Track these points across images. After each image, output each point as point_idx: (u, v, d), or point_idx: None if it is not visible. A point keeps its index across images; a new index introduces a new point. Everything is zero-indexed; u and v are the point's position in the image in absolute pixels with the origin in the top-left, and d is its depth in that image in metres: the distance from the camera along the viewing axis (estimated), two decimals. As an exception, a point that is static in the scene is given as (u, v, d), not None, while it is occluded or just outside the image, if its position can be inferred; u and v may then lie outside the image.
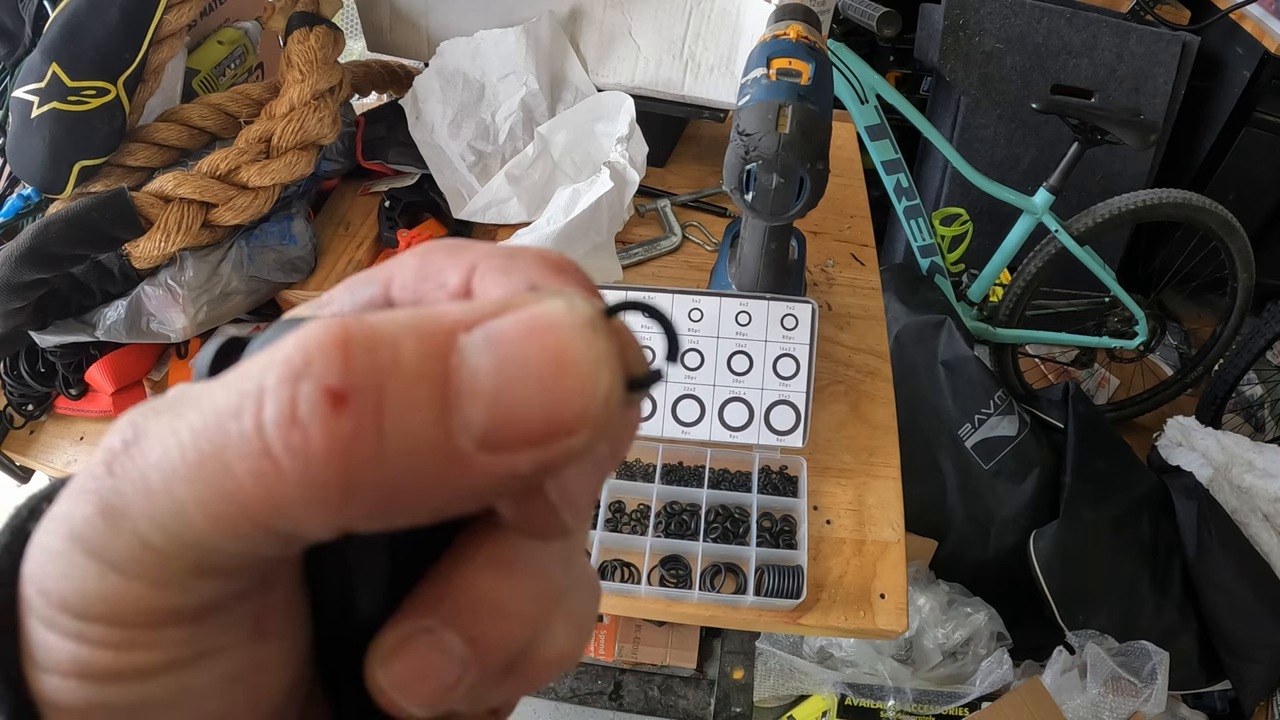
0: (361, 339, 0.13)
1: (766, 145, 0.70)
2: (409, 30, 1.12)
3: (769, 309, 0.81)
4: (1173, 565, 1.44)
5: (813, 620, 0.73)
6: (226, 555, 0.13)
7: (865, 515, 0.80)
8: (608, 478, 0.14)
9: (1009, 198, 1.61)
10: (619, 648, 1.52)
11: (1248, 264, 1.76)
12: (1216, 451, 1.57)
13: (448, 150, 1.05)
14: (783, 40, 0.76)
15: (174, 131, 0.90)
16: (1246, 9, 1.80)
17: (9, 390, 0.86)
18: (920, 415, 1.44)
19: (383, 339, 0.13)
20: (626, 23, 1.07)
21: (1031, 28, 1.82)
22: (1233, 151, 1.95)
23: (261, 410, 0.12)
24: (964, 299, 1.78)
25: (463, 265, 0.16)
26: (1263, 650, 1.39)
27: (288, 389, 0.12)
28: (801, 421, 0.80)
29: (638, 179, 0.88)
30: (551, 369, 0.13)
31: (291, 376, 0.12)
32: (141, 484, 0.13)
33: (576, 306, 0.14)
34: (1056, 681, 1.31)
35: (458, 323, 0.13)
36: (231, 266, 0.86)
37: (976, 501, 1.44)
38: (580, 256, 0.87)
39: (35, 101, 0.79)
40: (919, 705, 1.35)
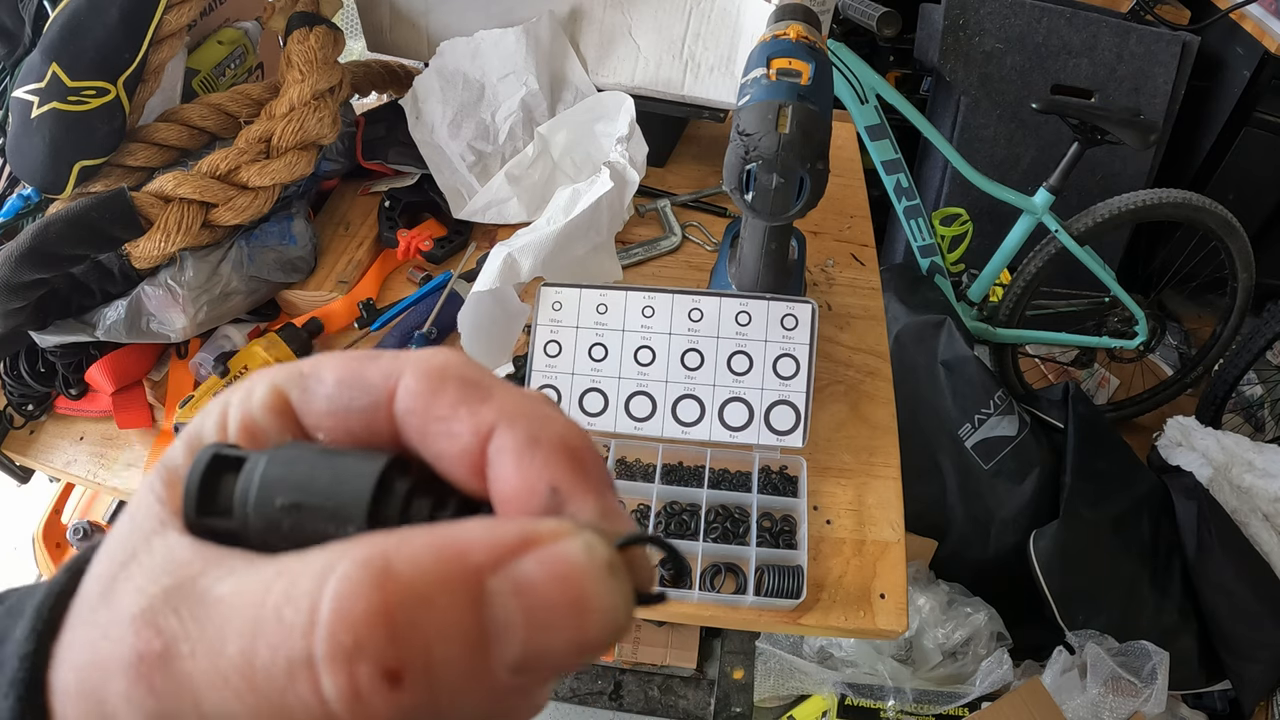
0: (401, 608, 0.14)
1: (766, 145, 0.70)
2: (409, 30, 1.12)
3: (769, 309, 0.81)
4: (1173, 565, 1.44)
5: (813, 620, 0.73)
6: None
7: (865, 515, 0.80)
8: None
9: (1009, 198, 1.61)
10: (619, 648, 1.52)
11: (1248, 264, 1.76)
12: (1216, 451, 1.57)
13: (448, 150, 1.05)
14: (783, 40, 0.76)
15: (174, 131, 0.90)
16: (1246, 9, 1.80)
17: (9, 390, 0.86)
18: (920, 415, 1.44)
19: (419, 599, 0.14)
20: (626, 23, 1.07)
21: (1031, 28, 1.82)
22: (1233, 151, 1.95)
23: (319, 680, 0.13)
24: (964, 299, 1.78)
25: (477, 420, 0.16)
26: (1263, 650, 1.39)
27: (345, 669, 0.13)
28: (801, 421, 0.80)
29: (638, 179, 0.88)
30: (575, 614, 0.15)
31: (345, 657, 0.13)
32: (194, 713, 0.14)
33: (595, 551, 0.15)
34: (1056, 681, 1.31)
35: (482, 567, 0.14)
36: (231, 266, 0.87)
37: (976, 501, 1.44)
38: (580, 256, 0.87)
39: (35, 101, 0.79)
40: (919, 705, 1.35)
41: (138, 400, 0.88)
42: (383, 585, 0.14)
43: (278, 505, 0.15)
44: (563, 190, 0.87)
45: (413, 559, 0.14)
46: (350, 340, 0.93)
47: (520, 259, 0.79)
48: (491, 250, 0.82)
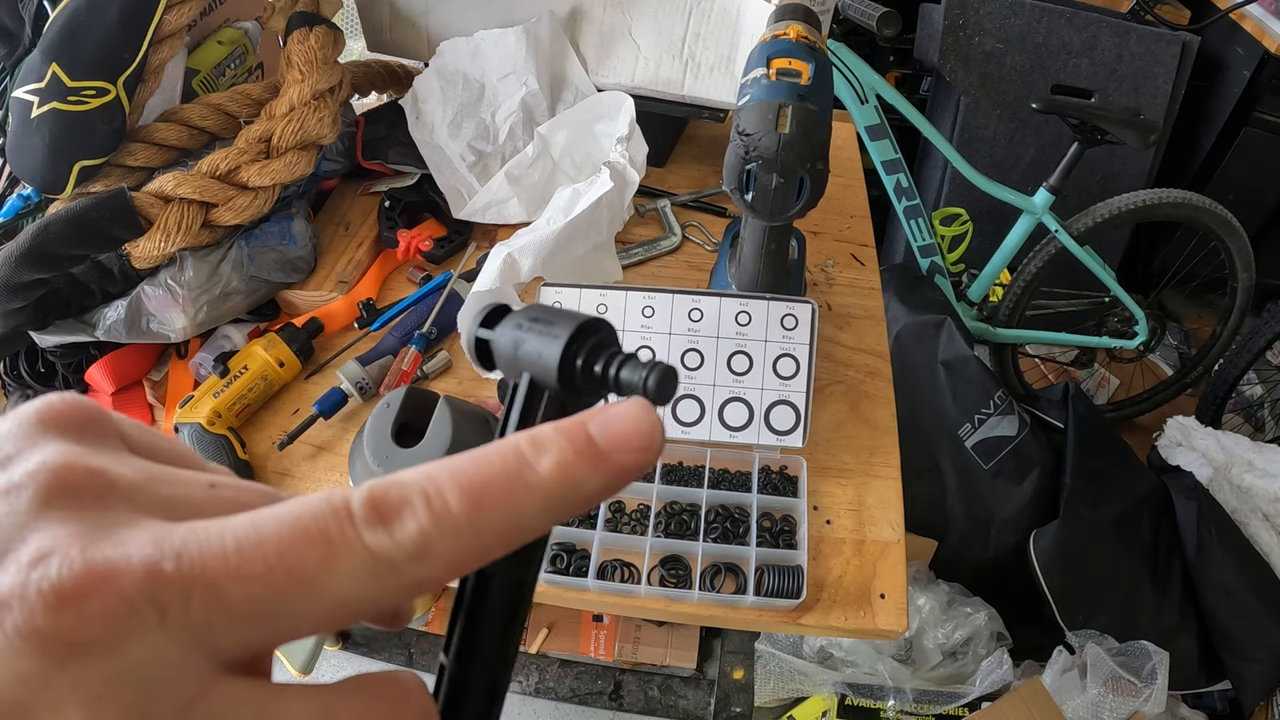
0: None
1: (766, 145, 0.70)
2: (409, 30, 1.12)
3: (769, 309, 0.81)
4: (1173, 565, 1.44)
5: (813, 620, 0.73)
6: None
7: (865, 515, 0.80)
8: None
9: (1009, 198, 1.61)
10: (619, 648, 1.52)
11: (1248, 264, 1.76)
12: (1216, 451, 1.57)
13: (448, 150, 1.05)
14: (783, 40, 0.76)
15: (174, 131, 0.90)
16: (1246, 9, 1.80)
17: (9, 390, 0.86)
18: (920, 415, 1.44)
19: None
20: (626, 23, 1.07)
21: (1031, 28, 1.82)
22: (1233, 151, 1.95)
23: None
24: (964, 299, 1.78)
25: None
26: (1263, 650, 1.38)
27: None
28: (801, 421, 0.80)
29: (638, 179, 0.88)
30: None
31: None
32: None
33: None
34: (1056, 681, 1.31)
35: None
36: (231, 266, 0.87)
37: (976, 501, 1.44)
38: (580, 257, 0.87)
39: (35, 101, 0.79)
40: (919, 705, 1.35)
41: (138, 400, 0.88)
42: None
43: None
44: (563, 190, 0.87)
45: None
46: (350, 340, 0.93)
47: (520, 259, 0.79)
48: (491, 250, 0.82)
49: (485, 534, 0.17)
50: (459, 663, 0.20)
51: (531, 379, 0.22)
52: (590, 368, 0.21)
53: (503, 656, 0.21)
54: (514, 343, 0.22)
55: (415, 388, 0.78)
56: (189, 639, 0.15)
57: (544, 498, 0.18)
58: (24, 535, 0.16)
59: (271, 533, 0.16)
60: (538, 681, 1.53)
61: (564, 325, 0.21)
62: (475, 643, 0.20)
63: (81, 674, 0.14)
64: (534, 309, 0.22)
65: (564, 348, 0.21)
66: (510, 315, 0.23)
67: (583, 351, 0.21)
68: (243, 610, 0.16)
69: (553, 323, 0.22)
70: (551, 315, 0.22)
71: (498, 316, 0.23)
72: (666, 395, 0.21)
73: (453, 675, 0.20)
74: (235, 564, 0.16)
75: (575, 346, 0.21)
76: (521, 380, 0.22)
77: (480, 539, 0.17)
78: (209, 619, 0.15)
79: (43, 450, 0.18)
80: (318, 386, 0.88)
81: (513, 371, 0.22)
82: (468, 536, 0.17)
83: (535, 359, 0.21)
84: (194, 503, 0.19)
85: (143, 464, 0.19)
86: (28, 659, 0.14)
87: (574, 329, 0.21)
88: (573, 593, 0.74)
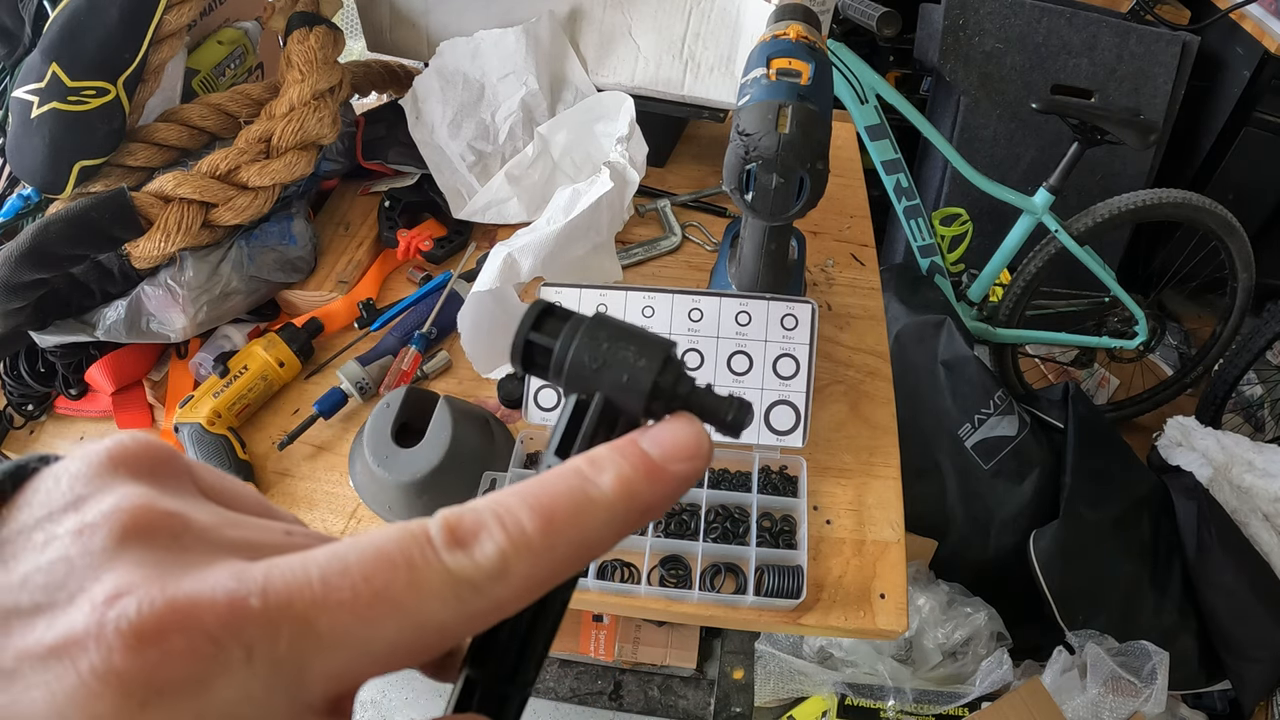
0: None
1: (766, 145, 0.70)
2: (409, 30, 1.12)
3: (769, 309, 0.81)
4: (1173, 565, 1.44)
5: (813, 620, 0.73)
6: None
7: (865, 515, 0.80)
8: None
9: (1009, 198, 1.61)
10: (619, 648, 1.52)
11: (1248, 264, 1.76)
12: (1216, 451, 1.57)
13: (448, 150, 1.05)
14: (783, 40, 0.76)
15: (174, 131, 0.90)
16: (1246, 9, 1.80)
17: (9, 390, 0.86)
18: (920, 415, 1.44)
19: None
20: (626, 23, 1.07)
21: (1031, 28, 1.82)
22: (1233, 151, 1.95)
23: None
24: (964, 299, 1.78)
25: None
26: (1263, 650, 1.38)
27: None
28: (801, 421, 0.80)
29: (638, 179, 0.88)
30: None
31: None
32: None
33: None
34: (1056, 681, 1.31)
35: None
36: (231, 266, 0.87)
37: (976, 501, 1.44)
38: (580, 257, 0.87)
39: (35, 101, 0.79)
40: (919, 705, 1.35)
41: (138, 400, 0.88)
42: None
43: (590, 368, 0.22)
44: (563, 190, 0.87)
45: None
46: (350, 340, 0.93)
47: (520, 259, 0.79)
48: (491, 250, 0.82)
49: (558, 551, 0.18)
50: (504, 681, 0.21)
51: (607, 399, 0.22)
52: (675, 395, 0.22)
53: (538, 671, 0.22)
54: (592, 359, 0.22)
55: (415, 388, 0.78)
56: (277, 677, 0.15)
57: (608, 512, 0.19)
58: (98, 574, 0.15)
59: (355, 560, 0.16)
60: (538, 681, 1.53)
61: (651, 351, 0.22)
62: (523, 658, 0.21)
63: (164, 717, 0.14)
64: (600, 322, 0.22)
65: (657, 375, 0.21)
66: (569, 323, 0.23)
67: (671, 380, 0.22)
68: (331, 640, 0.15)
69: (632, 343, 0.22)
70: (628, 335, 0.22)
71: (547, 319, 0.23)
72: (742, 427, 0.22)
73: (495, 691, 0.20)
74: (321, 593, 0.15)
75: (667, 375, 0.22)
76: (594, 400, 0.22)
77: (554, 557, 0.18)
78: (298, 654, 0.15)
79: (116, 492, 0.17)
80: (318, 386, 0.88)
81: (579, 387, 0.22)
82: (543, 555, 0.18)
83: (619, 382, 0.22)
84: (271, 546, 0.18)
85: (216, 509, 0.19)
86: (105, 702, 0.14)
87: (664, 357, 0.22)
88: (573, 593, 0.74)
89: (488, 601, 0.17)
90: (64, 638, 0.14)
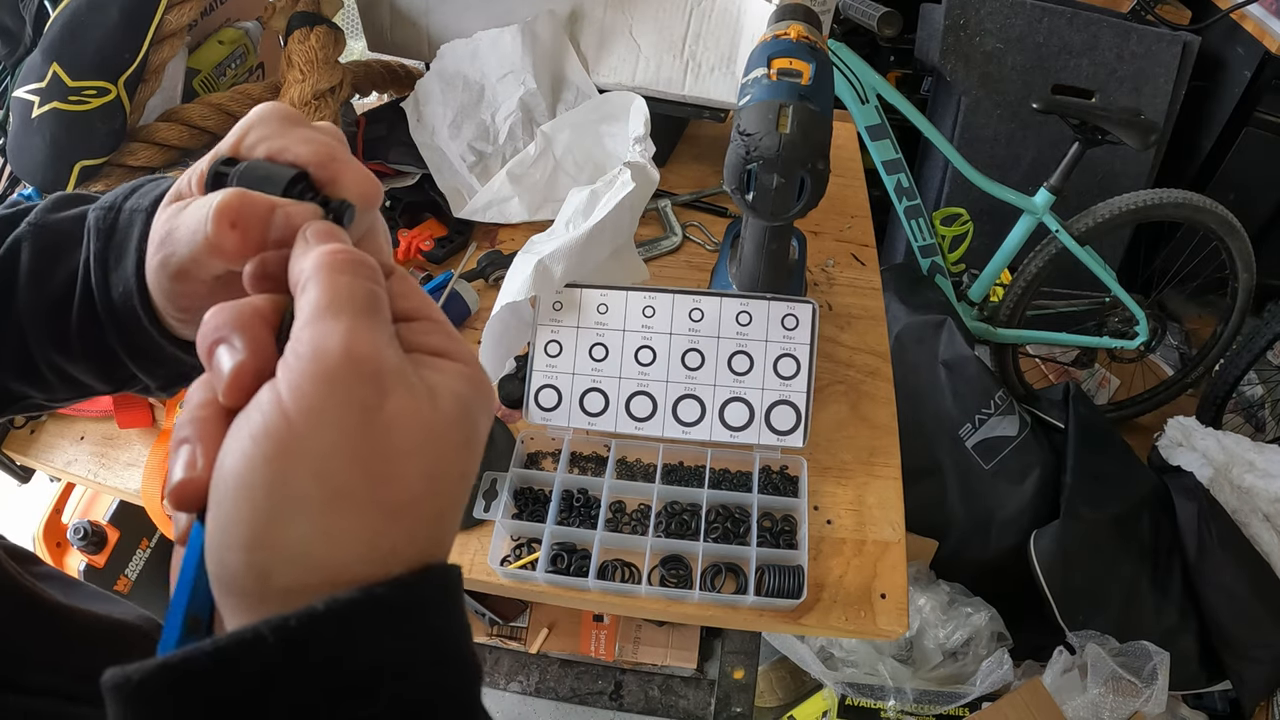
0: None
1: (767, 145, 0.70)
2: (409, 30, 1.12)
3: (769, 309, 0.81)
4: (1173, 565, 1.44)
5: (813, 620, 0.73)
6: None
7: (865, 515, 0.80)
8: None
9: (1009, 198, 1.61)
10: (619, 648, 1.52)
11: (1248, 264, 1.76)
12: (1217, 451, 1.57)
13: (448, 152, 1.05)
14: (783, 40, 0.76)
15: (175, 131, 0.90)
16: (1247, 9, 1.80)
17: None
18: (921, 415, 1.43)
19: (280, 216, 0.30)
20: (627, 22, 1.07)
21: (1032, 28, 1.82)
22: (1233, 151, 1.95)
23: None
24: (964, 299, 1.78)
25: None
26: (1263, 650, 1.38)
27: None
28: (802, 421, 0.80)
29: (657, 178, 0.87)
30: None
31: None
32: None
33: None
34: (1057, 681, 1.31)
35: (291, 215, 0.29)
36: (232, 266, 0.86)
37: (977, 501, 1.43)
38: (606, 259, 0.85)
39: (36, 101, 0.79)
40: (919, 705, 1.35)
41: (138, 400, 0.88)
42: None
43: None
44: (578, 192, 0.86)
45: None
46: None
47: (553, 266, 0.78)
48: (516, 259, 0.81)
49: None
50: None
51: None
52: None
53: None
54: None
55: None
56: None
57: None
58: None
59: None
60: (538, 681, 1.53)
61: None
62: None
63: None
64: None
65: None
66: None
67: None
68: None
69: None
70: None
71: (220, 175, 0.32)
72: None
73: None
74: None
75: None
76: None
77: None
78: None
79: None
80: (318, 386, 0.88)
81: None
82: None
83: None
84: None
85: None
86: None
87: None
88: (573, 592, 0.74)
89: None
90: None
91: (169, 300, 0.34)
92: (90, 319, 0.37)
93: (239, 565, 0.22)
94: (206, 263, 0.30)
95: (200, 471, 0.24)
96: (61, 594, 0.41)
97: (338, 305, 0.24)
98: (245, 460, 0.22)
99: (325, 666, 0.21)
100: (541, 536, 0.75)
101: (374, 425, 0.23)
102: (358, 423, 0.23)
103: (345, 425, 0.23)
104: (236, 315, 0.25)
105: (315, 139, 0.31)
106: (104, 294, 0.36)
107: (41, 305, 0.37)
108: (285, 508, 0.22)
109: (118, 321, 0.36)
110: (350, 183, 0.31)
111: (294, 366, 0.23)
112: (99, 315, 0.36)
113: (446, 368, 0.26)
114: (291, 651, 0.21)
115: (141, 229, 0.35)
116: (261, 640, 0.20)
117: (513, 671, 1.53)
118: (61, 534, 1.18)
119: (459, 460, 0.25)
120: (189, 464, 0.24)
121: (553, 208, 1.01)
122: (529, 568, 0.74)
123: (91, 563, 1.16)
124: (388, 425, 0.23)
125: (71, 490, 1.24)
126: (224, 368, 0.24)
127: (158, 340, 0.36)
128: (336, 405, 0.23)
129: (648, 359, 0.81)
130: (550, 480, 0.79)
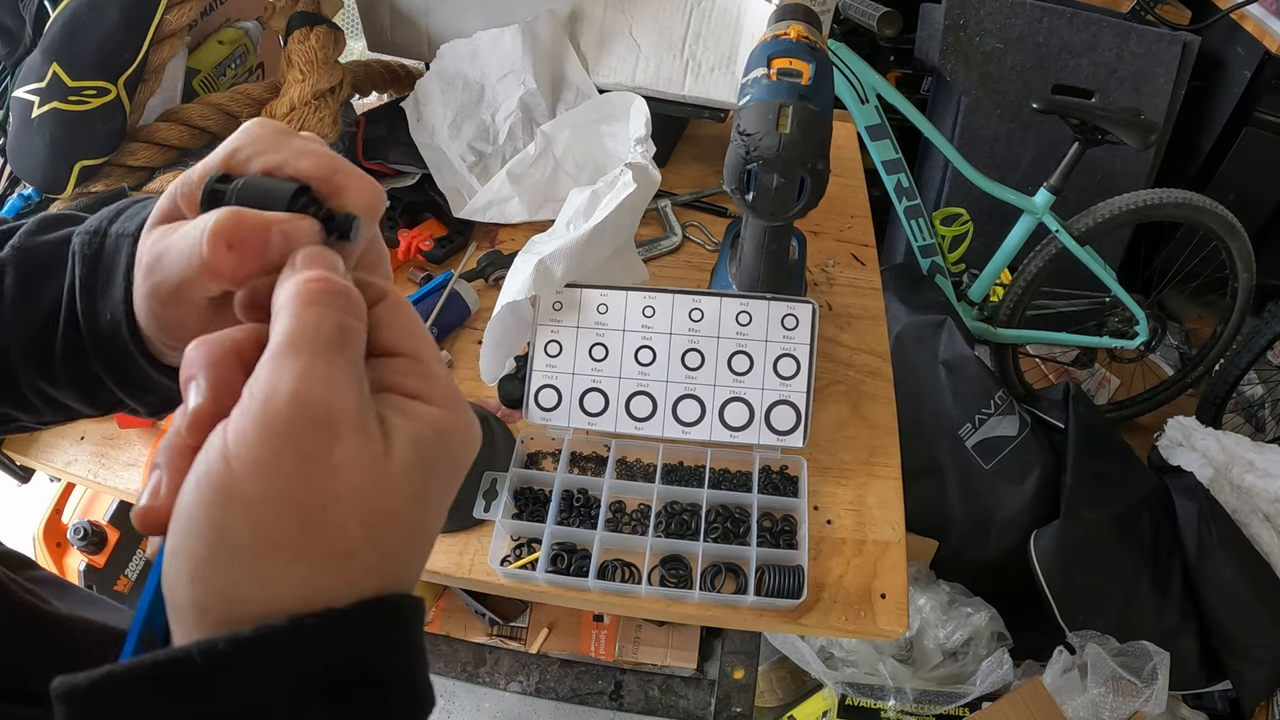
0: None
1: (767, 145, 0.71)
2: (409, 30, 1.12)
3: (769, 309, 0.81)
4: (1173, 565, 1.44)
5: (813, 620, 0.73)
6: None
7: (865, 515, 0.80)
8: None
9: (1009, 198, 1.61)
10: (619, 648, 1.52)
11: (1248, 264, 1.76)
12: (1217, 451, 1.57)
13: (448, 152, 1.05)
14: (783, 40, 0.76)
15: (175, 131, 0.90)
16: (1247, 9, 1.80)
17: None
18: (921, 415, 1.44)
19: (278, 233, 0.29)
20: (627, 22, 1.07)
21: (1032, 28, 1.82)
22: (1233, 151, 1.95)
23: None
24: (964, 299, 1.78)
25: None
26: (1263, 650, 1.38)
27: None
28: (802, 421, 0.80)
29: (659, 179, 0.87)
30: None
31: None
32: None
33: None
34: (1057, 681, 1.31)
35: (289, 234, 0.28)
36: (232, 266, 0.86)
37: (977, 501, 1.43)
38: (607, 260, 0.86)
39: (36, 101, 0.79)
40: (919, 705, 1.35)
41: (138, 400, 0.88)
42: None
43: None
44: (579, 192, 0.86)
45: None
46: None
47: (553, 266, 0.78)
48: (516, 259, 0.81)
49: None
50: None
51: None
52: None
53: None
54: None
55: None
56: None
57: None
58: None
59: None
60: (538, 681, 1.53)
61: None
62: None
63: None
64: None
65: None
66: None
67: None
68: None
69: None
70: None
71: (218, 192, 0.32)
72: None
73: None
74: None
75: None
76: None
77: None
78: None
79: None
80: (318, 386, 0.88)
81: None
82: None
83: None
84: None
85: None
86: None
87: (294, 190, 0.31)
88: (573, 592, 0.74)
89: None
90: None
91: (160, 328, 0.33)
92: (76, 347, 0.36)
93: (182, 595, 0.23)
94: (201, 286, 0.29)
95: (163, 500, 0.24)
96: (58, 599, 0.41)
97: (298, 343, 0.24)
98: (188, 502, 0.23)
99: (249, 685, 0.22)
100: (541, 536, 0.75)
101: (315, 474, 0.23)
102: (297, 471, 0.23)
103: (284, 472, 0.23)
104: (208, 353, 0.25)
105: (314, 151, 0.31)
106: (90, 322, 0.35)
107: (25, 332, 0.36)
108: (220, 552, 0.23)
109: (104, 350, 0.35)
110: (356, 194, 0.30)
111: (245, 408, 0.23)
112: (84, 343, 0.36)
113: (416, 412, 0.26)
114: (219, 670, 0.22)
115: (128, 255, 0.34)
116: (190, 659, 0.22)
117: (513, 671, 1.53)
118: (61, 534, 1.18)
119: (408, 511, 0.25)
120: (154, 491, 0.24)
121: (553, 208, 1.01)
122: (529, 568, 0.74)
123: (91, 563, 1.16)
124: (332, 472, 0.23)
125: (71, 490, 1.24)
126: (188, 407, 0.25)
127: (145, 369, 0.36)
128: (275, 453, 0.23)
129: (648, 359, 0.81)
130: (550, 480, 0.79)
